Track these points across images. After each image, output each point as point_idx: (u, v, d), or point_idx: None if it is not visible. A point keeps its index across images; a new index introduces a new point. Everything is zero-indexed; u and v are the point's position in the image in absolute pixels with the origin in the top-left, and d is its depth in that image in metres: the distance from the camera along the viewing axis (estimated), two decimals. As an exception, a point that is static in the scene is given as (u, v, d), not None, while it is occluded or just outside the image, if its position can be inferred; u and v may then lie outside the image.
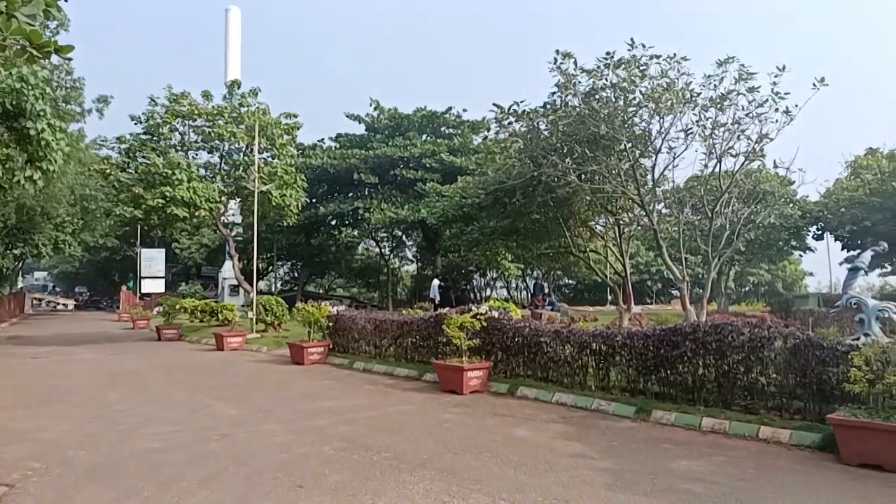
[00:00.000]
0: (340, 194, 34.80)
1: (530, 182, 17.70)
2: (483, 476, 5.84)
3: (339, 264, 46.17)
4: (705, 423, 7.93)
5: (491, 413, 8.95)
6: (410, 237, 42.60)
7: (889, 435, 6.07)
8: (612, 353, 9.70)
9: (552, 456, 6.61)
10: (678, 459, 6.54)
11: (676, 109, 15.23)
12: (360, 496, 5.28)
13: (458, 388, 10.33)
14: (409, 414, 8.90)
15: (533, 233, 21.46)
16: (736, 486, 5.64)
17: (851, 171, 30.02)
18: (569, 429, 7.99)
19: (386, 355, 13.96)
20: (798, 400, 7.82)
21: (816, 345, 7.62)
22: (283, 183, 22.23)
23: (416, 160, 32.14)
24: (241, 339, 18.13)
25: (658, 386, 9.19)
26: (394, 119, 35.36)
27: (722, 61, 14.71)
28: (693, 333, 8.67)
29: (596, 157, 16.05)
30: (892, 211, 24.94)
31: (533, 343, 10.67)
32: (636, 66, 15.01)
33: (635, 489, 5.51)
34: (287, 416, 8.67)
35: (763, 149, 15.49)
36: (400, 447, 6.90)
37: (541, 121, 17.03)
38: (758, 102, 14.64)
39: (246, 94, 23.29)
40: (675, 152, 16.52)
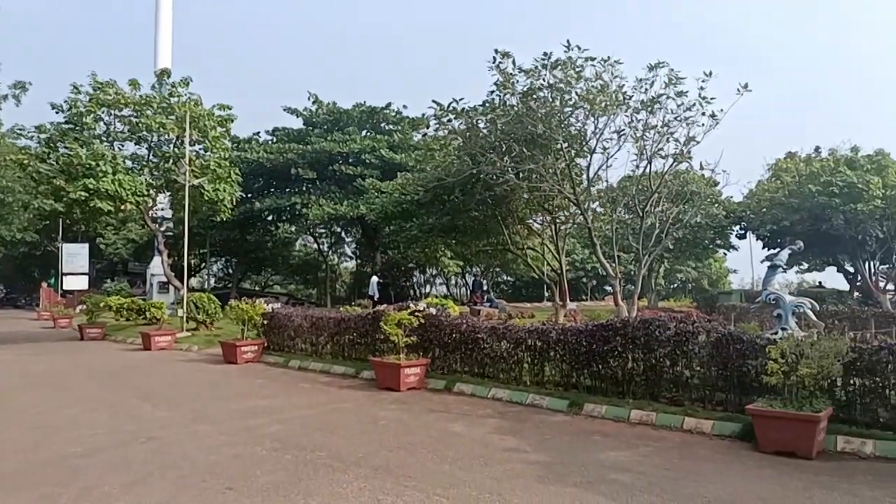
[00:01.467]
0: (277, 189, 34.01)
1: (469, 179, 17.86)
2: (418, 472, 5.85)
3: (276, 261, 45.17)
4: (634, 415, 8.21)
5: (427, 409, 8.98)
6: (350, 233, 42.13)
7: (801, 424, 6.45)
8: (546, 348, 9.91)
9: (487, 450, 6.69)
10: (607, 451, 6.74)
11: (610, 111, 15.70)
12: (292, 496, 5.19)
13: (396, 385, 10.31)
14: (345, 412, 8.83)
15: (472, 230, 21.68)
16: (660, 475, 5.86)
17: (772, 173, 31.66)
18: (504, 423, 8.10)
19: (323, 353, 13.77)
20: (720, 392, 8.20)
21: (737, 339, 8.01)
22: (216, 177, 21.53)
23: (356, 156, 31.79)
24: (169, 338, 17.49)
25: (590, 380, 9.45)
26: (333, 114, 34.84)
27: (653, 66, 15.26)
28: (623, 329, 8.97)
29: (533, 155, 16.36)
30: (808, 212, 26.47)
31: (470, 339, 10.77)
32: (572, 67, 15.39)
33: (565, 480, 5.65)
34: (218, 417, 8.43)
35: (690, 151, 16.17)
36: (334, 446, 6.83)
37: (480, 119, 17.22)
38: (686, 106, 15.27)
39: (176, 83, 22.38)
40: (608, 153, 17.07)
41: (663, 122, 15.83)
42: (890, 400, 7.05)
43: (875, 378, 7.08)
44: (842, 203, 25.29)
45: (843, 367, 6.87)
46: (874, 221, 25.73)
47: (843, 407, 7.19)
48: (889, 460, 6.36)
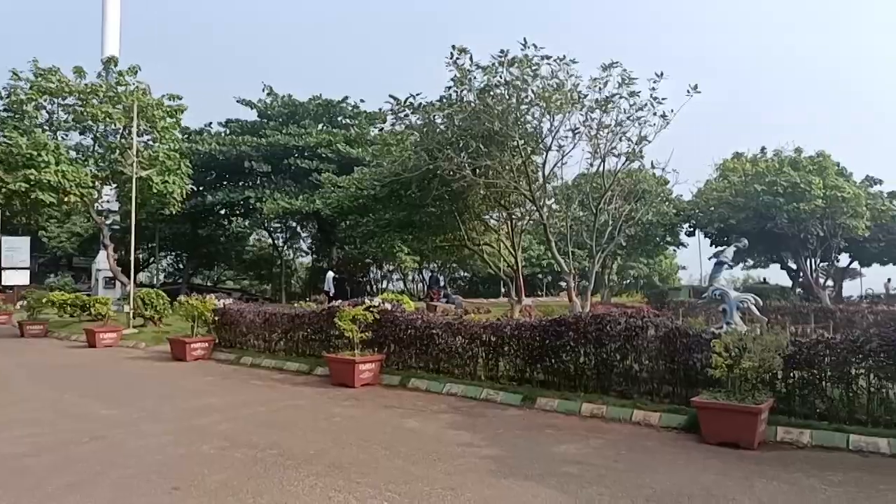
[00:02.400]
0: (230, 183, 33.27)
1: (426, 175, 17.84)
2: (371, 469, 5.83)
3: (229, 256, 44.18)
4: (585, 408, 8.36)
5: (382, 405, 8.95)
6: (305, 228, 41.51)
7: (743, 415, 6.68)
8: (501, 343, 10.00)
9: (441, 446, 6.71)
10: (559, 444, 6.85)
11: (565, 109, 15.92)
12: (242, 495, 5.10)
13: (350, 381, 10.24)
14: (298, 409, 8.72)
15: (428, 225, 21.68)
16: (610, 466, 5.99)
17: (720, 173, 32.63)
18: (458, 418, 8.14)
19: (276, 350, 13.56)
20: (668, 384, 8.43)
21: (683, 333, 8.24)
22: (165, 168, 20.93)
23: (312, 150, 31.36)
24: (115, 334, 16.91)
25: (543, 374, 9.58)
26: (288, 106, 34.29)
27: (606, 65, 15.52)
28: (575, 324, 9.11)
29: (490, 152, 16.45)
30: (754, 210, 27.37)
31: (425, 335, 10.77)
32: (528, 65, 15.52)
33: (518, 474, 5.71)
34: (165, 416, 8.21)
35: (642, 150, 16.54)
36: (286, 443, 6.73)
37: (437, 114, 17.21)
38: (638, 106, 15.59)
39: (124, 72, 21.66)
40: (563, 150, 17.33)
41: (616, 122, 16.16)
42: (826, 392, 7.37)
43: (813, 371, 7.39)
44: (785, 202, 26.25)
45: (784, 360, 7.14)
46: (815, 220, 26.78)
47: (784, 399, 7.48)
48: (825, 449, 6.65)
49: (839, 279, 35.55)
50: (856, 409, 7.20)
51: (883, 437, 6.64)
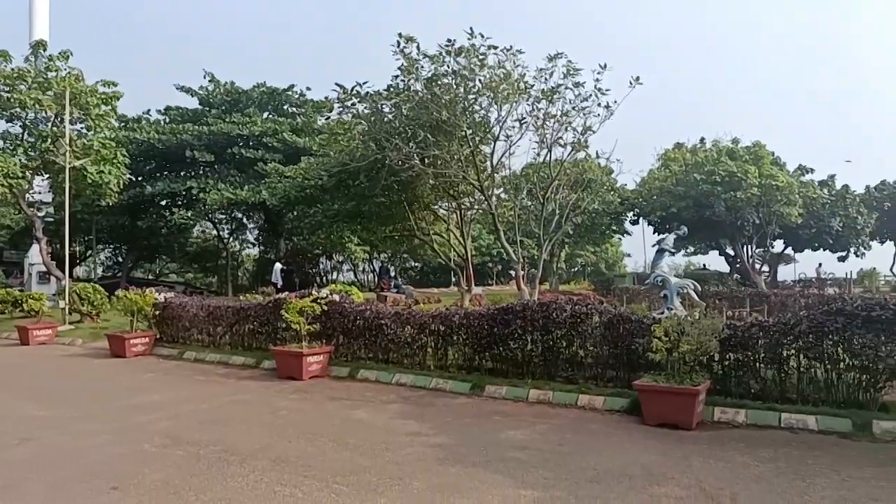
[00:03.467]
0: (171, 172, 32.11)
1: (374, 165, 17.67)
2: (318, 462, 5.77)
3: (172, 248, 42.77)
4: (532, 394, 8.50)
5: (330, 397, 8.87)
6: (252, 219, 40.54)
7: (682, 397, 6.92)
8: (450, 332, 10.04)
9: (389, 436, 6.70)
10: (507, 430, 6.94)
11: (512, 99, 16.02)
12: (183, 493, 4.97)
13: (298, 374, 10.10)
14: (243, 403, 8.55)
15: (377, 216, 21.51)
16: (555, 450, 6.11)
17: (662, 163, 33.56)
18: (407, 408, 8.14)
19: (221, 343, 13.24)
20: (611, 369, 8.64)
21: (626, 319, 8.46)
22: (100, 158, 20.03)
23: (257, 139, 30.58)
24: (50, 331, 16.19)
25: (492, 362, 9.67)
26: (231, 94, 33.31)
27: (552, 56, 15.69)
28: (523, 312, 9.23)
29: (438, 141, 16.42)
30: (694, 199, 28.28)
31: (374, 326, 10.71)
32: (475, 55, 15.52)
33: (466, 461, 5.76)
34: (103, 414, 7.91)
35: (587, 140, 16.80)
36: (230, 439, 6.60)
37: (384, 103, 17.05)
38: (583, 97, 15.83)
39: (54, 56, 20.57)
40: (511, 140, 17.44)
41: (562, 112, 16.36)
42: (760, 372, 7.71)
43: (747, 353, 7.71)
44: (723, 191, 27.21)
45: (720, 343, 7.42)
46: (751, 208, 27.88)
47: (720, 380, 7.78)
48: (759, 427, 6.95)
49: (774, 265, 37.18)
50: (787, 389, 7.56)
51: (811, 414, 6.99)
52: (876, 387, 7.10)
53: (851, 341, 7.12)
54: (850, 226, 32.29)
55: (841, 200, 32.27)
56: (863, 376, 7.14)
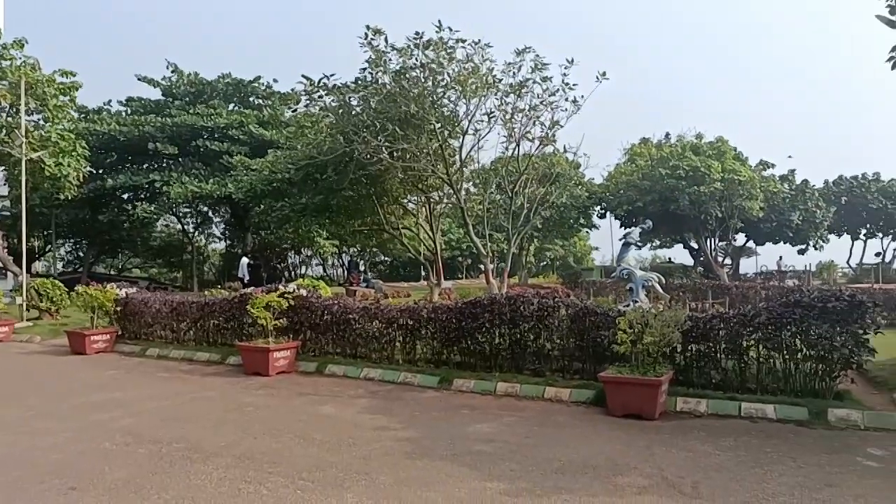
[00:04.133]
0: (133, 165, 31.32)
1: (342, 158, 17.52)
2: (283, 458, 5.71)
3: (134, 243, 41.79)
4: (500, 387, 8.54)
5: (297, 393, 8.79)
6: (217, 213, 39.85)
7: (645, 388, 7.04)
8: (418, 327, 10.03)
9: (356, 431, 6.67)
10: (474, 423, 6.96)
11: (480, 93, 16.04)
12: (145, 492, 4.87)
13: (264, 369, 9.98)
14: (208, 400, 8.41)
15: (346, 209, 21.36)
16: (522, 442, 6.16)
17: (628, 157, 34.03)
18: (375, 403, 8.12)
19: (185, 340, 13.01)
20: (578, 361, 8.75)
21: (592, 312, 8.56)
22: (58, 150, 19.45)
23: (222, 131, 29.99)
24: (7, 328, 15.69)
25: (460, 356, 9.71)
26: (195, 85, 32.58)
27: (520, 50, 15.73)
28: (491, 306, 9.26)
29: (407, 135, 16.35)
30: (659, 193, 28.76)
31: (342, 320, 10.65)
32: (444, 48, 15.47)
33: (433, 455, 5.77)
34: (62, 413, 7.71)
35: (555, 134, 16.93)
36: (194, 436, 6.48)
37: (352, 96, 16.89)
38: (550, 91, 15.92)
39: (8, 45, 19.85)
40: (479, 134, 17.46)
41: (530, 106, 16.44)
42: (721, 363, 7.89)
43: (709, 344, 7.88)
44: (687, 185, 27.73)
45: (682, 334, 7.57)
46: (714, 202, 28.48)
47: (683, 371, 7.95)
48: (720, 417, 7.11)
49: (736, 257, 38.05)
50: (747, 379, 7.75)
51: (770, 403, 7.18)
52: (831, 376, 7.32)
53: (808, 332, 7.32)
54: (809, 219, 33.26)
55: (800, 195, 33.19)
56: (819, 366, 7.36)
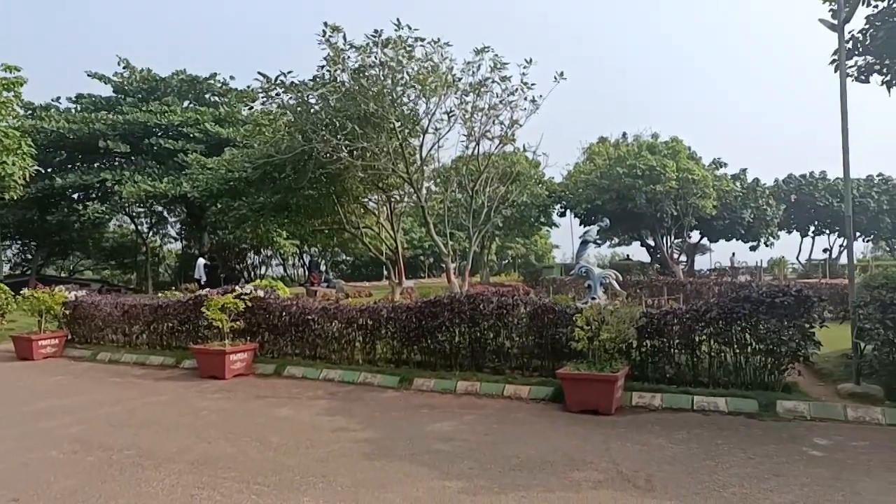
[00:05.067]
0: (83, 164, 30.29)
1: (301, 157, 17.26)
2: (239, 462, 5.61)
3: (86, 244, 40.45)
4: (460, 386, 8.56)
5: (254, 396, 8.64)
6: (173, 213, 38.90)
7: (602, 383, 7.14)
8: (378, 326, 9.98)
9: (315, 433, 6.59)
10: (434, 422, 6.96)
11: (440, 92, 16.02)
12: (93, 501, 4.73)
13: (220, 372, 9.78)
14: (162, 405, 8.19)
15: (306, 209, 21.06)
16: (481, 440, 6.18)
17: (587, 156, 34.53)
18: (334, 404, 8.04)
19: (138, 343, 12.67)
20: (536, 359, 8.84)
21: (549, 309, 8.65)
22: (3, 148, 18.66)
23: (176, 129, 29.27)
24: (-53, 335, 15.01)
25: (420, 355, 9.70)
26: (147, 81, 31.72)
27: (479, 50, 15.78)
28: (450, 304, 9.28)
29: (366, 134, 16.21)
30: (617, 192, 29.27)
31: (300, 321, 10.52)
32: (403, 46, 15.41)
33: (391, 455, 5.74)
34: (7, 421, 7.41)
35: (514, 133, 17.04)
36: (146, 442, 6.31)
37: (310, 94, 16.66)
38: (509, 91, 16.02)
39: (-53, 37, 18.99)
40: (440, 133, 17.45)
41: (490, 105, 16.51)
42: (675, 358, 8.07)
43: (663, 339, 8.06)
44: (644, 184, 28.29)
45: (637, 330, 7.71)
46: (669, 201, 29.13)
47: (639, 366, 8.10)
48: (674, 410, 7.27)
49: (691, 254, 39.00)
50: (700, 373, 7.94)
51: (721, 396, 7.37)
52: (780, 369, 7.56)
53: (757, 326, 7.55)
54: (760, 217, 34.31)
55: (752, 193, 34.20)
56: (768, 359, 7.59)
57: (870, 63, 9.70)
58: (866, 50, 9.48)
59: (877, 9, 9.28)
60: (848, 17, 8.26)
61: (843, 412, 6.86)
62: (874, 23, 9.32)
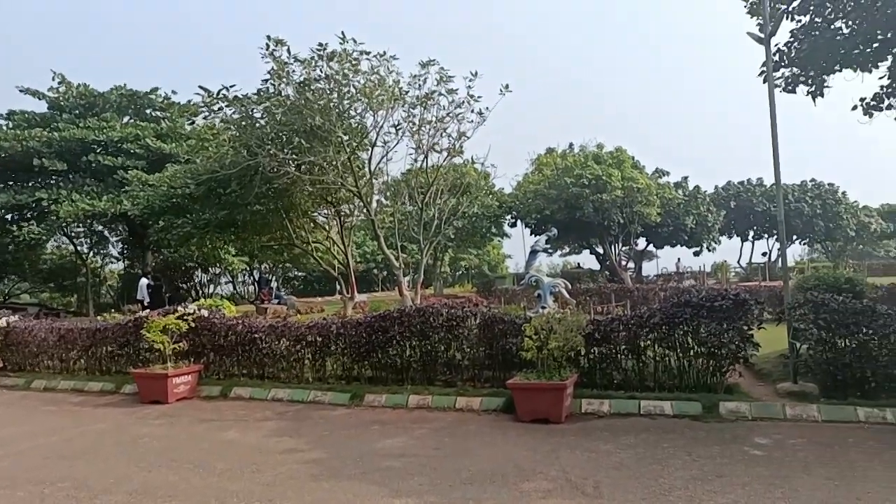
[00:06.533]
0: (16, 183, 28.93)
1: (247, 172, 16.92)
2: (180, 490, 5.40)
3: (21, 266, 38.51)
4: (412, 400, 8.49)
5: (199, 420, 8.36)
6: (114, 232, 37.51)
7: (551, 392, 7.20)
8: (327, 343, 9.82)
9: (261, 456, 6.41)
10: (384, 439, 6.87)
11: (387, 105, 16.01)
12: (19, 542, 4.46)
13: (163, 396, 9.44)
14: (100, 434, 7.84)
15: (253, 225, 20.63)
16: (432, 455, 6.13)
17: (535, 167, 35.06)
18: (282, 424, 7.85)
19: (75, 369, 12.10)
20: (487, 370, 8.85)
21: (499, 320, 8.69)
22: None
23: (116, 145, 28.28)
24: None
25: (371, 370, 9.59)
26: (85, 97, 30.62)
27: (425, 63, 15.85)
28: (400, 318, 9.22)
29: (314, 148, 16.05)
30: (565, 202, 29.78)
31: (247, 340, 10.26)
32: (348, 60, 15.35)
33: (340, 475, 5.63)
34: (-75, 460, 6.94)
35: (462, 146, 17.17)
36: (81, 474, 6.01)
37: (255, 108, 16.39)
38: (456, 103, 16.15)
39: None
40: (388, 146, 17.41)
41: (437, 118, 16.59)
42: (622, 363, 8.21)
43: (610, 346, 8.19)
44: (591, 193, 28.88)
45: (584, 338, 7.82)
46: (616, 209, 29.82)
47: (587, 373, 8.21)
48: (622, 416, 7.38)
49: (638, 261, 39.96)
50: (646, 378, 8.11)
51: (667, 400, 7.53)
52: (721, 371, 7.78)
53: (699, 330, 7.76)
54: (702, 223, 35.48)
55: (693, 200, 35.36)
56: (710, 362, 7.81)
57: (795, 74, 10.18)
58: (792, 62, 9.95)
59: (800, 23, 9.78)
60: (773, 30, 8.65)
61: (782, 411, 7.10)
62: (798, 36, 9.82)
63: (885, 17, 8.84)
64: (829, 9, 9.25)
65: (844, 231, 42.46)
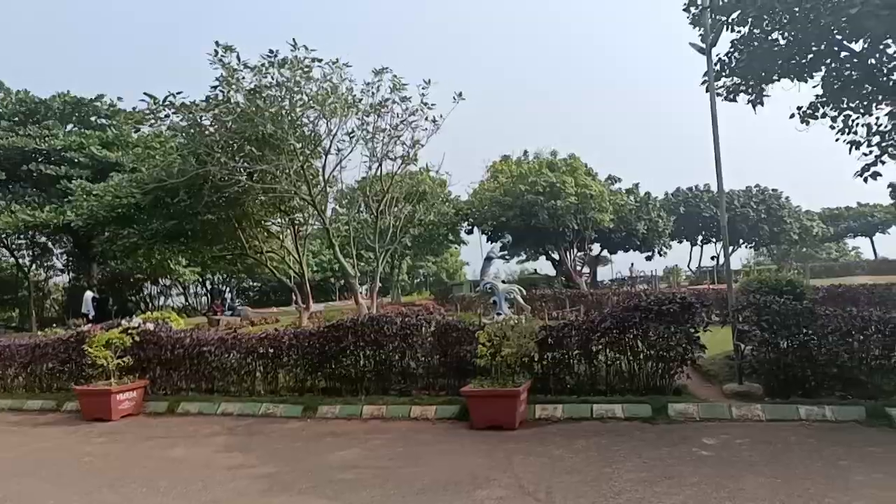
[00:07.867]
0: (-49, 193, 27.77)
1: (196, 180, 16.51)
2: (121, 512, 5.19)
3: (-42, 281, 36.88)
4: (366, 410, 8.40)
5: (144, 437, 8.07)
6: (58, 243, 36.11)
7: (504, 399, 7.22)
8: (279, 354, 9.63)
9: (209, 472, 6.22)
10: (337, 451, 6.76)
11: (341, 113, 15.88)
12: (-56, 574, 4.20)
13: (107, 414, 9.08)
14: (39, 453, 7.48)
15: (203, 235, 20.16)
16: (385, 466, 6.06)
17: (491, 174, 35.31)
18: (232, 440, 7.64)
19: (13, 387, 11.55)
20: (442, 378, 8.81)
21: (453, 327, 8.68)
22: None
23: (58, 153, 27.34)
24: None
25: (325, 381, 9.44)
26: (25, 104, 29.51)
27: (378, 70, 15.81)
28: (354, 327, 9.11)
29: (265, 156, 15.80)
30: (520, 208, 30.11)
31: (195, 354, 9.98)
32: (300, 67, 15.18)
33: (291, 489, 5.51)
34: None
35: (416, 153, 17.15)
36: (15, 498, 5.72)
37: (203, 115, 16.03)
38: (410, 111, 16.14)
39: None
40: (342, 154, 17.27)
41: (391, 126, 16.55)
42: (574, 368, 8.29)
43: (563, 351, 8.26)
44: (545, 200, 29.28)
45: (538, 344, 7.87)
46: (570, 215, 30.30)
47: (541, 378, 8.25)
48: (574, 420, 7.45)
49: (593, 266, 40.64)
50: (598, 381, 8.20)
51: (618, 403, 7.64)
52: (670, 373, 7.94)
53: (648, 333, 7.91)
54: (653, 228, 36.35)
55: (644, 206, 36.22)
56: (659, 364, 7.96)
57: (736, 84, 10.53)
58: (732, 72, 10.29)
59: (740, 34, 10.12)
60: (714, 41, 8.93)
61: (729, 411, 7.29)
62: (738, 46, 10.16)
63: (818, 30, 9.22)
64: (767, 21, 9.59)
65: (788, 235, 44.16)
